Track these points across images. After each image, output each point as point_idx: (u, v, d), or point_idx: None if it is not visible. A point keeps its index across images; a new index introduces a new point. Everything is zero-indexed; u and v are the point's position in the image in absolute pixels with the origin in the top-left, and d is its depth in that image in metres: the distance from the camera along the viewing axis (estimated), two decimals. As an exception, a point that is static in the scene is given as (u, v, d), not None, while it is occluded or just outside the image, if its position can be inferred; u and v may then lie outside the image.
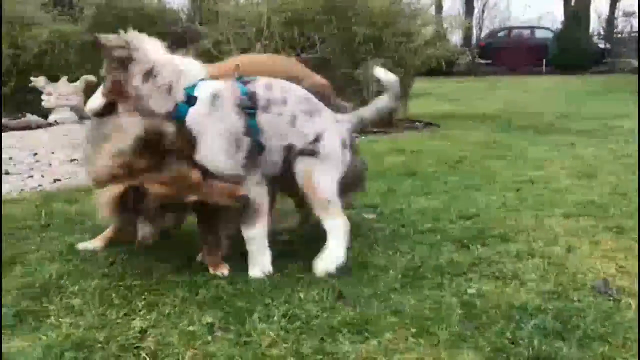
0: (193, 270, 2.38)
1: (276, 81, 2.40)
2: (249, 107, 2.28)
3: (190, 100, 2.26)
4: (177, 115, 2.25)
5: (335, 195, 2.39)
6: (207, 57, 7.75)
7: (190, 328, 1.90)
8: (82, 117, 8.58)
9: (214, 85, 2.32)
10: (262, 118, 2.30)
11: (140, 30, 2.40)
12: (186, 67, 2.35)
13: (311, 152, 2.36)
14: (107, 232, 2.69)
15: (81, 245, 2.65)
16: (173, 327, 1.91)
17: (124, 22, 9.50)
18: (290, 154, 2.36)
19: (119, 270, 2.37)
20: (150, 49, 2.34)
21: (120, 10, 9.00)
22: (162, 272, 2.34)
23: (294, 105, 2.37)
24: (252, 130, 2.28)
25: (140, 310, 2.03)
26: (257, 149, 2.30)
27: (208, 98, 2.26)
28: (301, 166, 2.37)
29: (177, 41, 8.81)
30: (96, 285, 2.22)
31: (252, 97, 2.29)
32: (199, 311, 2.01)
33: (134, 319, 1.97)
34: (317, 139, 2.37)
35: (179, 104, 2.26)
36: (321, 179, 2.37)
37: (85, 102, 8.18)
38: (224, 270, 2.36)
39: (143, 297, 2.13)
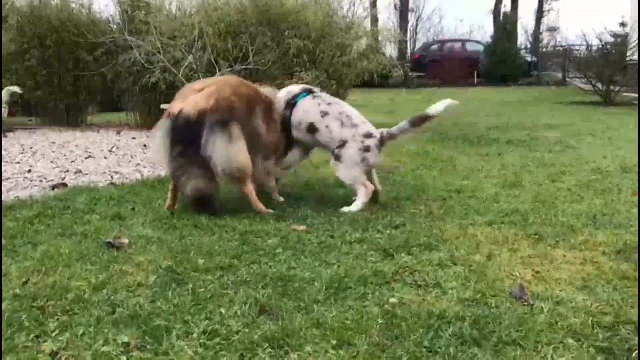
0: (111, 289, 2.30)
1: None
2: None
3: None
4: None
5: None
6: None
7: (105, 349, 1.83)
8: (7, 130, 8.22)
9: None
10: None
11: (69, 41, 2.37)
12: None
13: None
14: None
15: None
16: (87, 348, 1.84)
17: (51, 33, 9.19)
18: None
19: (32, 291, 2.25)
20: None
21: (46, 20, 8.68)
22: (78, 292, 2.25)
23: None
24: None
25: (52, 332, 1.94)
26: None
27: None
28: None
29: (108, 52, 8.61)
30: (6, 307, 2.11)
31: None
32: (115, 331, 1.94)
33: (45, 342, 1.88)
34: None
35: None
36: None
37: (8, 114, 7.74)
38: None
39: (57, 318, 2.04)
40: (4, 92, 8.21)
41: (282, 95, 4.00)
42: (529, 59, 24.83)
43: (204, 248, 2.81)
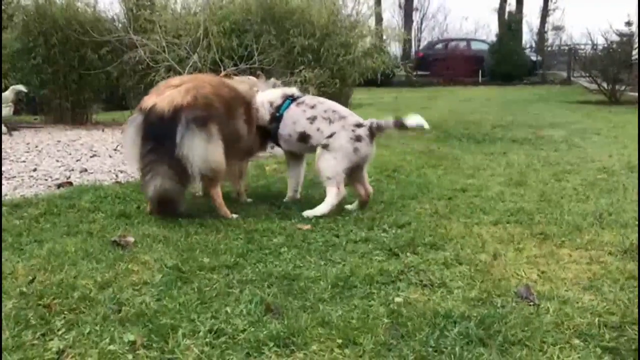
0: (117, 287, 2.30)
1: None
2: None
3: None
4: None
5: None
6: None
7: (111, 347, 1.83)
8: (13, 128, 8.25)
9: None
10: None
11: (74, 39, 2.37)
12: None
13: None
14: None
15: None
16: (93, 346, 1.84)
17: (56, 31, 9.24)
18: None
19: (38, 288, 2.26)
20: None
21: (51, 18, 8.70)
22: (84, 290, 2.25)
23: None
24: None
25: (58, 330, 1.94)
26: None
27: None
28: None
29: (113, 50, 8.63)
30: (12, 305, 2.11)
31: None
32: (121, 329, 1.95)
33: (51, 340, 1.88)
34: None
35: None
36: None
37: (14, 112, 7.73)
38: None
39: (63, 316, 2.05)
40: (9, 91, 8.23)
41: (264, 107, 3.78)
42: (534, 58, 24.76)
43: (209, 246, 2.82)
